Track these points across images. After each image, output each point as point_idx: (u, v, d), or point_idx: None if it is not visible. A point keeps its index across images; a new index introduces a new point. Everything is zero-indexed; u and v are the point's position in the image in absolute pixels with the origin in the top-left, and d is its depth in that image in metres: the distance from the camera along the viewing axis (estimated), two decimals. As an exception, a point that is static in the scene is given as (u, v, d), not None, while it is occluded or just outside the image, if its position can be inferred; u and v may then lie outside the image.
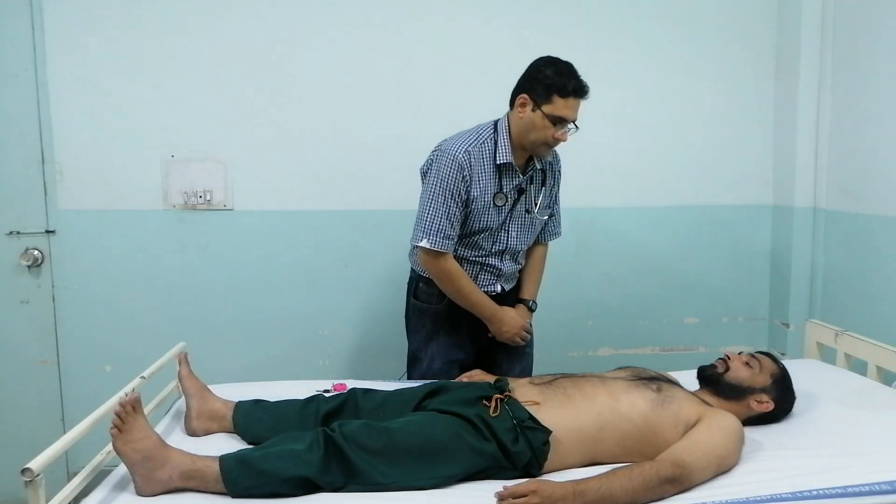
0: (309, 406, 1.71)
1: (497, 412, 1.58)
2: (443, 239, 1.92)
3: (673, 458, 1.47)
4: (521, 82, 1.94)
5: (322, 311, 2.69)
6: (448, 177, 1.91)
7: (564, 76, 1.86)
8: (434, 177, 1.94)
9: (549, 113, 1.87)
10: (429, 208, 1.93)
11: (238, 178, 2.59)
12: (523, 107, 1.90)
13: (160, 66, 2.51)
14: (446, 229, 1.92)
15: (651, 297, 2.81)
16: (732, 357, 1.79)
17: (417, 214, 1.97)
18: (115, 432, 1.42)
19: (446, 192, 1.92)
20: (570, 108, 1.87)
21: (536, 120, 1.89)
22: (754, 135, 2.78)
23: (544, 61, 1.91)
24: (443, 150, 1.96)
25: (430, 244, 1.92)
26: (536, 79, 1.88)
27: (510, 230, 2.04)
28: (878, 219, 2.35)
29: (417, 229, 1.96)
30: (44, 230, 2.57)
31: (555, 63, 1.89)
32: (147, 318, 2.61)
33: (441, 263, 1.96)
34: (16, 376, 2.60)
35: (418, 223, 1.96)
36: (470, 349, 2.14)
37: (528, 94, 1.89)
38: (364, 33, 2.57)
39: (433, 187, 1.93)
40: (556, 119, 1.87)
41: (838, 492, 1.40)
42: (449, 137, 2.01)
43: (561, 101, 1.86)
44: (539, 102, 1.88)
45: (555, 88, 1.85)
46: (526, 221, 2.07)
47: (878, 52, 2.34)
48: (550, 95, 1.86)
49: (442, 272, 1.97)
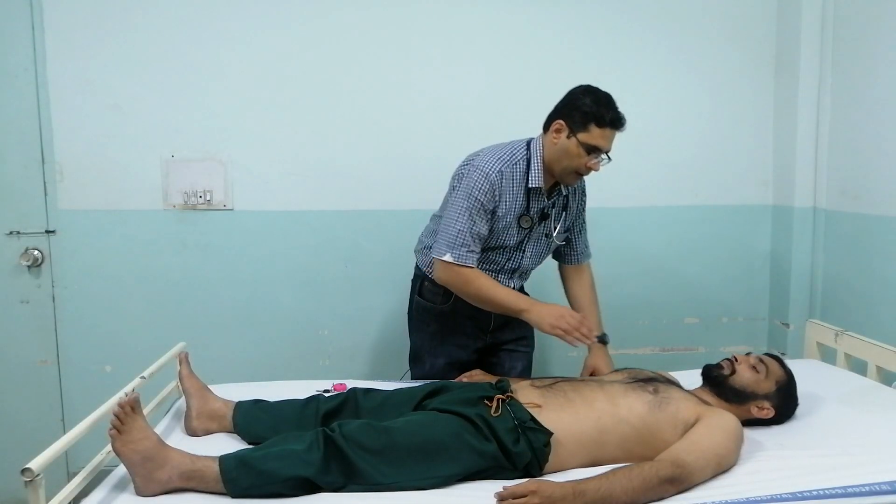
0: (309, 406, 1.71)
1: (499, 412, 1.58)
2: (467, 253, 1.90)
3: (672, 458, 1.47)
4: (559, 108, 1.92)
5: (322, 311, 2.69)
6: (479, 194, 1.89)
7: (603, 106, 1.85)
8: (464, 191, 1.91)
9: (585, 141, 1.85)
10: (456, 223, 1.90)
11: (238, 178, 2.59)
12: (558, 133, 1.89)
13: (160, 66, 2.51)
14: (471, 244, 1.91)
15: (651, 296, 2.81)
16: (740, 359, 1.78)
17: (442, 227, 1.94)
18: (114, 433, 1.42)
19: (474, 209, 1.89)
20: (605, 138, 1.86)
21: (571, 147, 1.87)
22: (754, 135, 2.78)
23: (583, 89, 1.89)
24: (475, 165, 1.92)
25: (455, 259, 1.90)
26: (574, 106, 1.87)
27: (526, 250, 2.04)
28: (878, 219, 2.35)
29: (441, 242, 1.92)
30: (44, 230, 2.57)
31: (593, 92, 1.88)
32: (147, 318, 2.61)
33: (455, 269, 1.92)
34: (16, 376, 2.60)
35: (443, 236, 1.92)
36: (473, 349, 2.15)
37: (564, 120, 1.88)
38: (364, 33, 2.57)
39: (462, 202, 1.90)
40: (591, 148, 1.86)
41: (838, 492, 1.40)
42: (482, 151, 1.98)
43: (597, 130, 1.85)
44: (575, 130, 1.86)
45: (592, 117, 1.84)
46: (542, 244, 2.07)
47: (878, 52, 2.33)
48: (587, 124, 1.85)
49: (459, 277, 1.93)
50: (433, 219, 2.14)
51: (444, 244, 1.92)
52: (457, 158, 2.61)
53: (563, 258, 2.20)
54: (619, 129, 1.88)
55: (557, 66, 2.65)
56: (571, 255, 2.18)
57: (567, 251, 2.17)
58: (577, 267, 2.19)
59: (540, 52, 2.65)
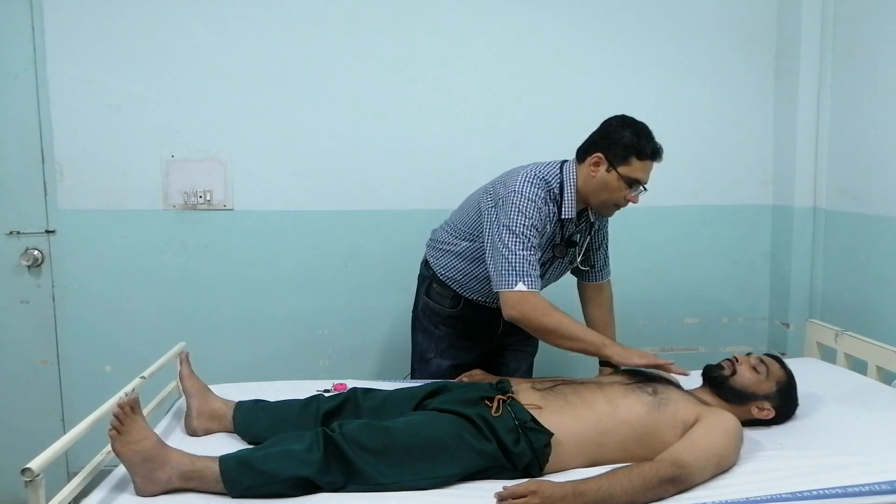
0: (309, 406, 1.71)
1: (499, 412, 1.58)
2: (536, 279, 1.82)
3: (672, 459, 1.47)
4: (596, 140, 1.88)
5: (322, 311, 2.68)
6: (534, 219, 1.83)
7: (643, 138, 1.83)
8: (513, 218, 1.83)
9: (626, 174, 1.83)
10: (514, 249, 1.80)
11: (238, 178, 2.59)
12: (597, 166, 1.86)
13: (160, 66, 2.51)
14: (538, 269, 1.84)
15: (651, 296, 2.81)
16: (740, 359, 1.78)
17: (497, 258, 1.83)
18: (113, 434, 1.42)
19: (532, 233, 1.83)
20: (645, 170, 1.85)
21: (611, 181, 1.85)
22: (754, 135, 2.78)
23: (620, 121, 1.87)
24: (519, 192, 1.85)
25: (528, 286, 1.79)
26: (613, 139, 1.84)
27: (546, 274, 2.01)
28: (878, 219, 2.35)
29: (509, 273, 1.80)
30: (44, 230, 2.57)
31: (632, 124, 1.85)
32: (147, 318, 2.61)
33: (533, 301, 1.81)
34: (16, 376, 2.60)
35: (507, 266, 1.80)
36: (479, 352, 2.14)
37: (603, 153, 1.85)
38: (364, 33, 2.57)
39: (515, 227, 1.82)
40: (632, 181, 1.84)
41: (838, 492, 1.40)
42: (519, 176, 1.90)
43: (638, 163, 1.83)
44: (615, 163, 1.83)
45: (633, 150, 1.82)
46: (562, 268, 2.05)
47: (878, 52, 2.33)
48: (628, 157, 1.82)
49: (538, 310, 1.80)
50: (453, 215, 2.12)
51: (509, 275, 1.80)
52: (457, 158, 2.63)
53: (582, 276, 2.14)
54: (658, 160, 1.86)
55: (558, 66, 2.66)
56: (591, 273, 2.13)
57: (588, 269, 2.12)
58: (597, 285, 2.15)
59: (540, 53, 2.65)
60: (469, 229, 2.00)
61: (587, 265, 2.10)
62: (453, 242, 2.04)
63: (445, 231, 2.11)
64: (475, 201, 2.00)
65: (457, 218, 2.09)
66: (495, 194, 1.92)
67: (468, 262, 2.01)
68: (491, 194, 1.94)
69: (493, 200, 1.91)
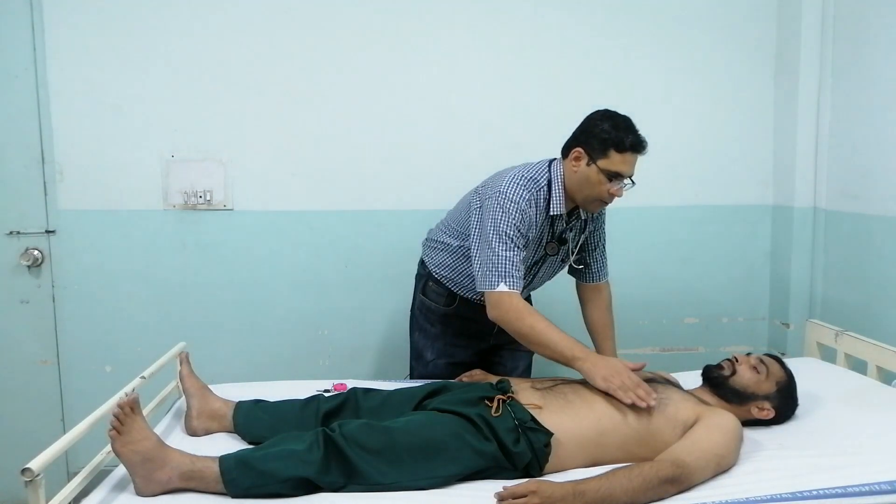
0: (309, 406, 1.71)
1: (499, 412, 1.58)
2: (518, 280, 1.81)
3: (672, 459, 1.47)
4: (577, 135, 1.88)
5: (322, 311, 2.69)
6: (517, 220, 1.82)
7: (622, 130, 1.81)
8: (498, 219, 1.82)
9: (605, 168, 1.81)
10: (497, 250, 1.81)
11: (238, 178, 2.59)
12: (577, 160, 1.85)
13: (160, 66, 2.51)
14: (520, 269, 1.83)
15: (651, 296, 2.81)
16: (740, 359, 1.78)
17: (481, 258, 1.84)
18: (113, 434, 1.42)
19: (513, 236, 1.82)
20: (626, 163, 1.82)
21: (591, 175, 1.83)
22: (754, 135, 2.78)
23: (600, 115, 1.86)
24: (503, 192, 1.85)
25: (509, 287, 1.79)
26: (592, 132, 1.83)
27: (538, 272, 2.02)
28: (878, 219, 2.35)
29: (491, 273, 1.80)
30: (44, 230, 2.57)
31: (612, 117, 1.84)
32: (147, 318, 2.61)
33: (513, 301, 1.81)
34: (16, 376, 2.60)
35: (487, 267, 1.81)
36: (475, 350, 2.14)
37: (583, 147, 1.84)
38: (364, 33, 2.57)
39: (499, 228, 1.82)
40: (612, 174, 1.82)
41: (838, 492, 1.40)
42: (505, 177, 1.89)
43: (618, 156, 1.81)
44: (594, 157, 1.82)
45: (611, 143, 1.80)
46: (555, 266, 2.05)
47: (878, 52, 2.34)
48: (607, 150, 1.81)
49: (512, 311, 1.80)
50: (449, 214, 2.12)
51: (492, 275, 1.81)
52: (457, 158, 2.63)
53: (580, 276, 2.13)
54: (640, 152, 1.84)
55: (557, 66, 2.66)
56: (588, 274, 2.12)
57: (584, 269, 2.11)
58: (595, 286, 2.13)
59: (540, 53, 2.65)
60: (461, 228, 2.00)
61: (582, 264, 2.10)
62: (447, 240, 2.05)
63: (440, 229, 2.12)
64: (467, 201, 2.02)
65: (451, 216, 2.10)
66: (483, 195, 1.92)
67: (461, 259, 2.01)
68: (479, 194, 1.95)
69: (479, 201, 1.92)
